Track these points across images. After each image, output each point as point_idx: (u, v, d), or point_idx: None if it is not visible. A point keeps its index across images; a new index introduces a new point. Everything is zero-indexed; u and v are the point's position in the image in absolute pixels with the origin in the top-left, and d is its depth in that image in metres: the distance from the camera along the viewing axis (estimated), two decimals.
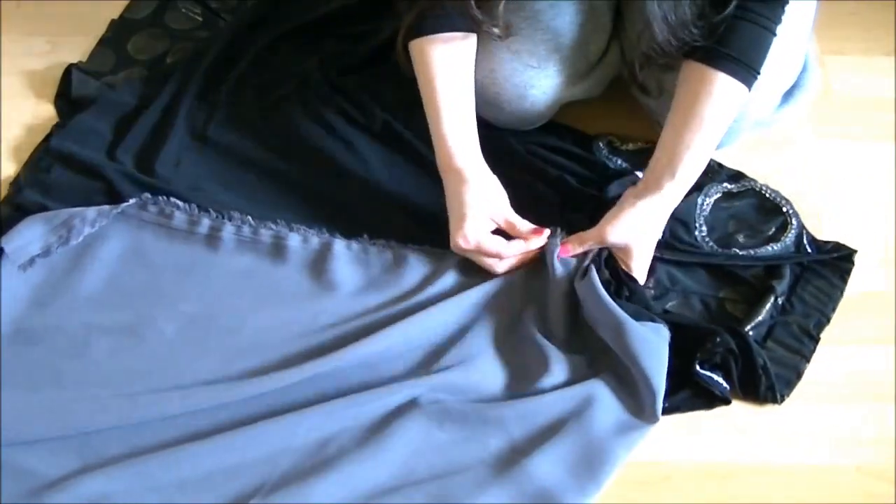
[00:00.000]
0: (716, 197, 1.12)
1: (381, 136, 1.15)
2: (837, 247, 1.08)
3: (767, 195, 1.12)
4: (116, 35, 1.29)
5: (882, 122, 1.23)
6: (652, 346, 0.91)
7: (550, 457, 0.86)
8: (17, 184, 1.10)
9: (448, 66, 1.00)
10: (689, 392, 0.94)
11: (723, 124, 0.98)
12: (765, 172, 1.15)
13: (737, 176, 1.14)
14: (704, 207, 1.10)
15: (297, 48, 1.24)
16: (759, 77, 0.97)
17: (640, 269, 0.99)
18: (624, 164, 1.14)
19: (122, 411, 0.88)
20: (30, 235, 1.00)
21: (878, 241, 1.10)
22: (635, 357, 0.90)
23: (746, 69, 0.95)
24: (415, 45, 1.00)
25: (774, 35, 0.96)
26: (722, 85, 0.95)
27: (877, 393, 0.97)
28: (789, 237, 1.08)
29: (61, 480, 0.84)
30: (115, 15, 1.31)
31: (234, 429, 0.87)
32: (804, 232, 1.09)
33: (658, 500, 0.88)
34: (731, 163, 1.15)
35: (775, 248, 1.07)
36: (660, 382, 0.90)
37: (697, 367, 0.94)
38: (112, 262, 1.01)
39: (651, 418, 0.90)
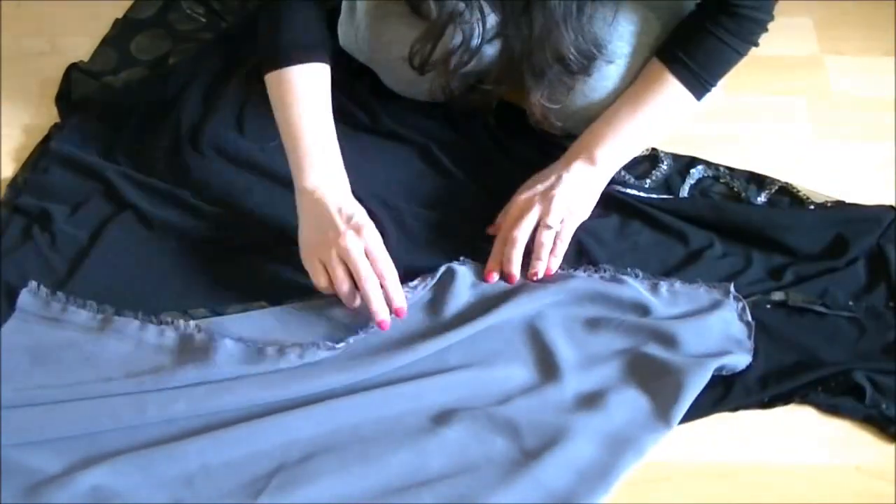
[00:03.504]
0: None
1: (387, 136, 1.16)
2: None
3: None
4: (120, 35, 1.29)
5: (882, 122, 1.23)
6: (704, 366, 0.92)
7: (560, 459, 0.86)
8: (14, 186, 1.10)
9: (310, 95, 0.99)
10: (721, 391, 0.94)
11: (660, 124, 1.04)
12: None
13: None
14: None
15: None
16: (712, 89, 1.02)
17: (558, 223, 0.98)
18: (626, 175, 1.11)
19: (126, 410, 0.87)
20: None
21: None
22: (683, 369, 0.91)
23: (701, 82, 1.01)
24: (272, 77, 0.99)
25: (741, 54, 1.01)
26: (672, 88, 1.01)
27: None
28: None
29: (62, 476, 0.83)
30: (116, 15, 1.31)
31: (239, 423, 0.87)
32: None
33: (658, 500, 0.88)
34: (729, 161, 1.16)
35: None
36: (692, 397, 0.90)
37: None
38: None
39: (666, 426, 0.89)
